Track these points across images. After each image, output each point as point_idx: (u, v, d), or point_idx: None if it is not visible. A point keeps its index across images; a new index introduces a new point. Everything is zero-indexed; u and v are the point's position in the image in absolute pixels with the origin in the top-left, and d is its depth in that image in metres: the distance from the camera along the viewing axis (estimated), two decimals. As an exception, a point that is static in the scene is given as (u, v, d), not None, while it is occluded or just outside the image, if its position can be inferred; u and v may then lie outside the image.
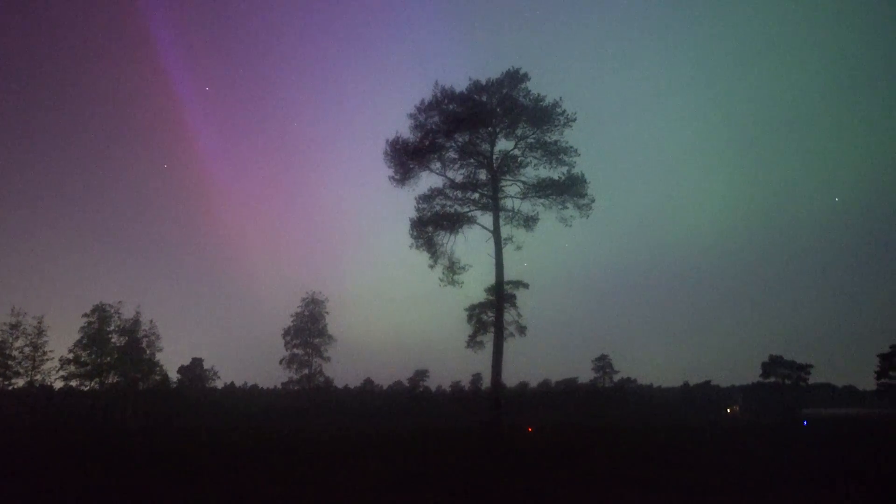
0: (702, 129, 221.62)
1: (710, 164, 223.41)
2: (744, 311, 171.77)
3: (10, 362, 67.93)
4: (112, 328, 73.14)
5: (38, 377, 69.87)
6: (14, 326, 67.50)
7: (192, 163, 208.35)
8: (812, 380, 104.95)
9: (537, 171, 43.96)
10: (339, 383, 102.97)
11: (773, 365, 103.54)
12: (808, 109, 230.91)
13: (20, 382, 69.43)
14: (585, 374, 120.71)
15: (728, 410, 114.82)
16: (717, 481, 17.17)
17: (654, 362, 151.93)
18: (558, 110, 42.68)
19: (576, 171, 43.08)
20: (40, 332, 69.08)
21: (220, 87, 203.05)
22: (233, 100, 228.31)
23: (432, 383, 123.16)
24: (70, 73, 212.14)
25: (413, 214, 44.35)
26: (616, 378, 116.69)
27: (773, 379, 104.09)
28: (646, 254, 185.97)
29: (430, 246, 44.15)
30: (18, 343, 68.29)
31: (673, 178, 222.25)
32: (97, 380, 71.63)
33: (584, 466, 20.64)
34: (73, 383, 71.97)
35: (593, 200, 43.05)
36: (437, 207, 44.34)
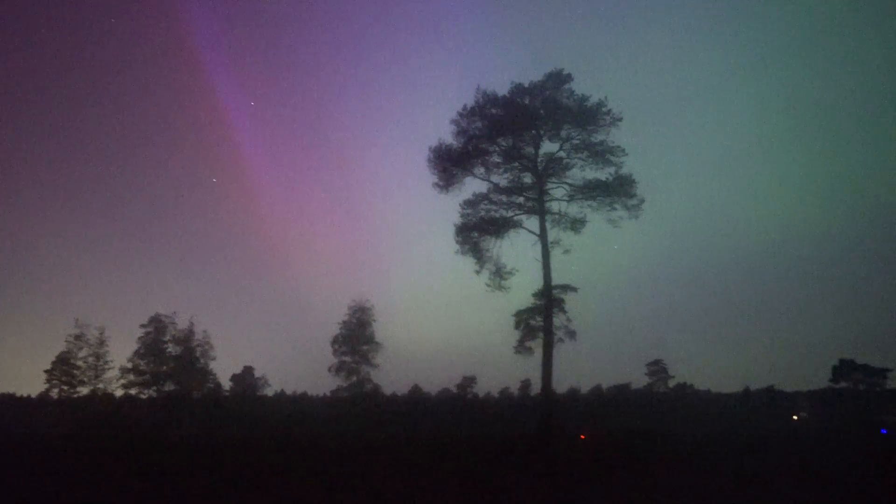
0: (761, 119, 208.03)
1: (772, 157, 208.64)
2: (810, 311, 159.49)
3: (75, 371, 71.09)
4: (167, 338, 75.33)
5: (101, 386, 72.84)
6: (78, 337, 70.68)
7: (240, 176, 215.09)
8: (889, 385, 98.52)
9: (584, 172, 43.26)
10: (387, 390, 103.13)
11: (845, 369, 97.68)
12: (885, 88, 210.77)
13: (84, 391, 72.54)
14: (639, 380, 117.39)
15: (795, 417, 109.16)
16: (792, 496, 15.98)
17: (712, 367, 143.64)
18: (603, 110, 41.94)
19: (624, 171, 42.24)
20: (102, 343, 72.15)
21: (264, 101, 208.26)
22: (276, 112, 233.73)
23: (481, 390, 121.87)
24: (121, 91, 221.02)
25: (458, 220, 44.10)
26: (671, 383, 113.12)
27: (844, 384, 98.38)
28: (701, 253, 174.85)
29: (476, 251, 43.79)
30: (82, 353, 71.56)
31: (731, 172, 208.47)
32: (155, 388, 73.89)
33: (642, 477, 19.64)
34: (133, 392, 74.54)
35: (643, 200, 41.99)
36: (482, 212, 44.02)
